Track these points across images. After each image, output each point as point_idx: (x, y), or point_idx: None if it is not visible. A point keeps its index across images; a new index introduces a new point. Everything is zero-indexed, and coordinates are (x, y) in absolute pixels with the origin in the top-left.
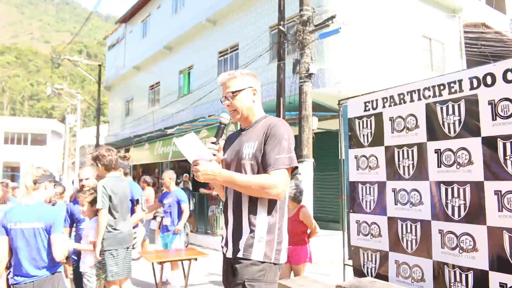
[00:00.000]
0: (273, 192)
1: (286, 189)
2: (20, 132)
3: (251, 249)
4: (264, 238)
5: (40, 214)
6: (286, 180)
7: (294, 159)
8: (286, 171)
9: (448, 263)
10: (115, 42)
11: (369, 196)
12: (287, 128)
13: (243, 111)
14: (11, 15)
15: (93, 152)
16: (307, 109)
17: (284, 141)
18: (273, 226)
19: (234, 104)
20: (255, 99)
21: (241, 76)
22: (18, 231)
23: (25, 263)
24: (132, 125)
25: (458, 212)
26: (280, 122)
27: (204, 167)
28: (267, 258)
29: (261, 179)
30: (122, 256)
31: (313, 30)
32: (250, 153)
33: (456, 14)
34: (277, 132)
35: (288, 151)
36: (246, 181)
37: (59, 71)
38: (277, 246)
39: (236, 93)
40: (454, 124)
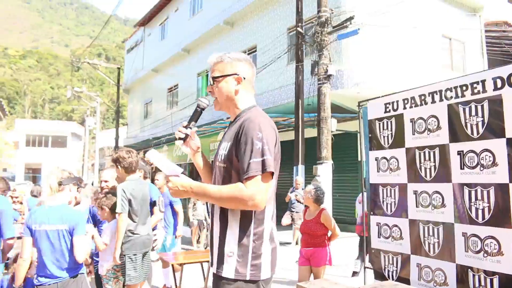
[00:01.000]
0: (249, 204)
1: (264, 198)
2: (41, 135)
3: (222, 265)
4: (234, 253)
5: (64, 216)
6: (262, 188)
7: (269, 163)
8: (260, 178)
9: (473, 267)
10: (134, 45)
11: (390, 199)
12: (262, 125)
13: (222, 101)
14: (32, 19)
15: (113, 154)
16: (326, 111)
17: (256, 142)
18: (246, 239)
19: (215, 91)
20: (240, 89)
21: (228, 61)
22: (42, 233)
23: (49, 264)
24: (151, 127)
25: (482, 215)
26: (254, 118)
27: (174, 183)
28: (239, 275)
29: (233, 191)
30: (140, 260)
31: (331, 31)
32: (223, 155)
33: (477, 13)
34: (248, 131)
35: (262, 154)
36: (219, 195)
37: (79, 74)
38: (252, 261)
39: (218, 80)
40: (477, 125)
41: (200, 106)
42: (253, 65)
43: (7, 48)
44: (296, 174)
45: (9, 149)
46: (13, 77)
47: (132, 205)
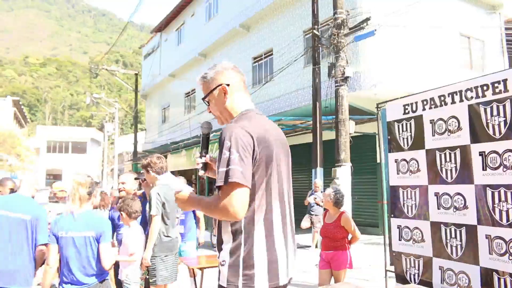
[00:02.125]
0: (227, 215)
1: (239, 206)
2: (61, 141)
3: (219, 274)
4: (226, 262)
5: (91, 223)
6: (234, 199)
7: (234, 173)
8: (227, 188)
9: (498, 270)
10: (151, 51)
11: (411, 201)
12: (230, 133)
13: (221, 114)
14: (51, 27)
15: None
16: (344, 113)
17: (224, 151)
18: (237, 248)
19: (212, 109)
20: (229, 97)
21: (209, 77)
22: (69, 240)
23: (75, 271)
24: (169, 132)
25: (506, 216)
26: (227, 127)
27: (177, 198)
28: (231, 284)
29: (212, 202)
30: (171, 261)
31: (348, 33)
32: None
33: (496, 10)
34: (221, 140)
35: (227, 163)
36: (205, 205)
37: (97, 80)
38: (244, 271)
39: (208, 98)
40: (500, 125)
41: (203, 132)
42: (237, 69)
43: (28, 56)
44: (314, 177)
45: (31, 155)
46: (33, 84)
47: (165, 208)
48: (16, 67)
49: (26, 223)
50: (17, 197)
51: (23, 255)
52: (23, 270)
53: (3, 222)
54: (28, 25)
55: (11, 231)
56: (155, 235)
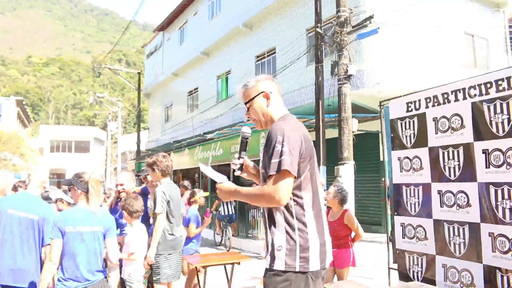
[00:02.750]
0: (272, 201)
1: (284, 195)
2: (64, 140)
3: (274, 259)
4: (283, 247)
5: (100, 218)
6: (281, 186)
7: (286, 162)
8: (278, 176)
9: (501, 267)
10: (153, 50)
11: (414, 199)
12: (281, 130)
13: (261, 119)
14: (55, 28)
15: (149, 159)
16: (347, 111)
17: (276, 145)
18: (293, 233)
19: (251, 114)
20: (270, 103)
21: (250, 85)
22: (78, 234)
23: (81, 267)
24: (172, 131)
25: (509, 214)
26: (275, 125)
27: (220, 189)
28: (289, 267)
29: (258, 190)
30: (175, 259)
31: (351, 31)
32: (261, 162)
33: (500, 9)
34: (270, 135)
35: (279, 155)
36: (247, 194)
37: (100, 80)
38: (301, 253)
39: (249, 104)
40: (503, 123)
41: (244, 136)
42: (274, 79)
43: (31, 56)
44: None
45: (35, 155)
46: (36, 84)
47: (170, 206)
48: (19, 67)
49: (33, 223)
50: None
51: (32, 255)
52: (31, 269)
53: (12, 221)
54: (32, 25)
55: (20, 231)
56: (159, 233)
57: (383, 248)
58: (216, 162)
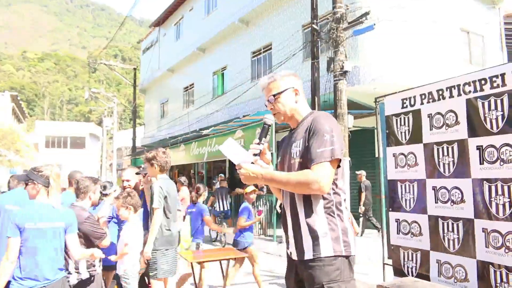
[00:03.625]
0: (314, 187)
1: (329, 182)
2: (60, 136)
3: (319, 247)
4: (327, 233)
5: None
6: (328, 173)
7: (337, 151)
8: (328, 164)
9: (494, 263)
10: (149, 45)
11: (409, 195)
12: (329, 120)
13: (287, 113)
14: (51, 23)
15: (148, 153)
16: (342, 107)
17: (325, 134)
18: (334, 219)
19: (277, 107)
20: (298, 99)
21: (281, 78)
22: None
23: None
24: (168, 127)
25: (503, 210)
26: (321, 115)
27: (246, 170)
28: (337, 252)
29: (300, 175)
30: (171, 255)
31: (347, 27)
32: (298, 152)
33: (496, 5)
34: (317, 126)
35: (330, 144)
36: (286, 179)
37: (96, 75)
38: (343, 238)
39: (278, 96)
40: (497, 119)
41: (266, 123)
42: (300, 78)
43: (26, 51)
44: None
45: (30, 151)
46: (32, 79)
47: (167, 201)
48: (15, 62)
49: None
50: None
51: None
52: None
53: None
54: (27, 20)
55: None
56: (156, 228)
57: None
58: (211, 158)
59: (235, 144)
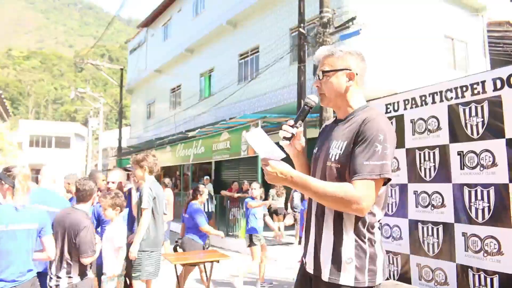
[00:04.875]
0: (353, 207)
1: (370, 205)
2: (44, 135)
3: (339, 272)
4: (353, 259)
5: (35, 215)
6: (371, 193)
7: (387, 168)
8: (373, 183)
9: (472, 266)
10: (137, 45)
11: (391, 199)
12: (384, 126)
13: (332, 97)
14: (37, 20)
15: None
16: (328, 111)
17: (377, 144)
18: (363, 244)
19: (323, 86)
20: (351, 85)
21: (339, 54)
22: (10, 233)
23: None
24: (154, 128)
25: (482, 214)
26: (377, 118)
27: (274, 168)
28: (359, 283)
29: (339, 190)
30: (156, 257)
31: (334, 32)
32: (337, 155)
33: (480, 13)
34: (370, 131)
35: (381, 158)
36: (322, 191)
37: (82, 75)
38: (370, 266)
39: (328, 74)
40: (477, 125)
41: (308, 104)
42: (365, 60)
43: (11, 49)
44: None
45: (14, 150)
46: (16, 78)
47: (155, 203)
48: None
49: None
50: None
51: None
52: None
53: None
54: (13, 17)
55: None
56: (144, 229)
57: None
58: (197, 160)
59: (263, 135)
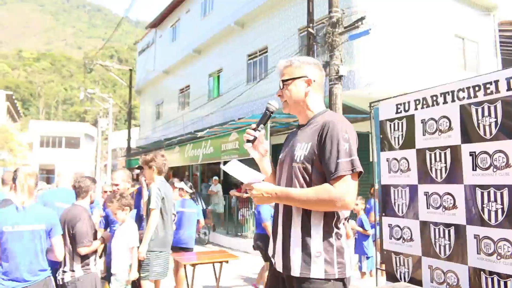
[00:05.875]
0: (338, 205)
1: (354, 199)
2: (55, 136)
3: (309, 266)
4: (321, 253)
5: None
6: (351, 188)
7: (358, 162)
8: (349, 178)
9: (485, 269)
10: (145, 47)
11: (401, 200)
12: (346, 126)
13: (293, 103)
14: (46, 22)
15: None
16: (338, 111)
17: (344, 143)
18: (330, 238)
19: (285, 94)
20: (309, 91)
21: (297, 64)
22: (16, 234)
23: (21, 267)
24: (163, 128)
25: (495, 216)
26: (337, 119)
27: (259, 190)
28: (329, 275)
29: (322, 193)
30: (164, 257)
31: (343, 32)
32: (302, 155)
33: (491, 12)
34: (334, 131)
35: (350, 154)
36: (305, 197)
37: (91, 76)
38: (338, 259)
39: (287, 83)
40: (490, 126)
41: (269, 109)
42: (322, 69)
43: (22, 50)
44: None
45: (24, 150)
46: (27, 79)
47: (164, 203)
48: (10, 61)
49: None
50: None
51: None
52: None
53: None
54: (23, 20)
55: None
56: (152, 229)
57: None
58: (206, 160)
59: (240, 165)
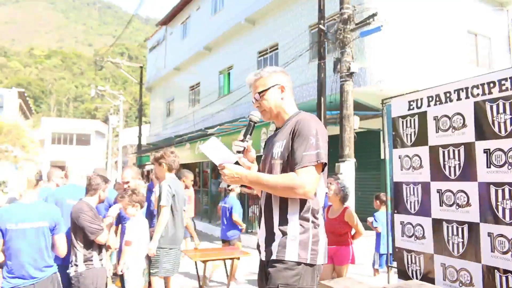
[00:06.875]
0: (299, 192)
1: (314, 187)
2: (66, 133)
3: (284, 249)
4: (297, 238)
5: (44, 212)
6: (313, 178)
7: (322, 155)
8: (313, 169)
9: (499, 267)
10: (156, 44)
11: (413, 197)
12: (315, 123)
13: (272, 110)
14: (57, 20)
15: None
16: (348, 109)
17: (311, 137)
18: (307, 226)
19: (263, 104)
20: (284, 96)
21: (267, 75)
22: (20, 232)
23: (26, 264)
24: (173, 125)
25: (510, 214)
26: (307, 117)
27: (230, 170)
28: (301, 259)
29: (286, 179)
30: (175, 254)
31: (354, 29)
32: (279, 152)
33: (504, 7)
34: (303, 128)
35: (316, 147)
36: (273, 182)
37: (102, 73)
38: (312, 246)
39: (263, 93)
40: (505, 123)
41: (252, 120)
42: (288, 74)
43: (33, 48)
44: None
45: (36, 147)
46: (38, 76)
47: (174, 200)
48: (21, 59)
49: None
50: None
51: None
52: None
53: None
54: (34, 17)
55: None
56: (162, 226)
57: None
58: None
59: (219, 144)
